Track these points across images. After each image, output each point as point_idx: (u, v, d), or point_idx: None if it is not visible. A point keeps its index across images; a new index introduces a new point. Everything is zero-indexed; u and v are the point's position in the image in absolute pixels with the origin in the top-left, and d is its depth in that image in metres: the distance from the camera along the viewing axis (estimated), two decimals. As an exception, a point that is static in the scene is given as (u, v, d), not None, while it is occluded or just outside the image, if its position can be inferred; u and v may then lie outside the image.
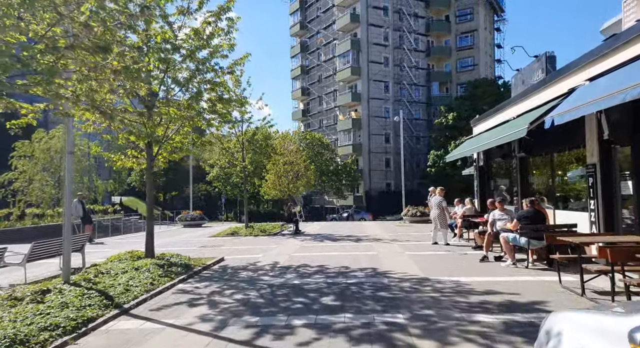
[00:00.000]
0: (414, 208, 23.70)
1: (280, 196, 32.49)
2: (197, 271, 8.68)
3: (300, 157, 32.55)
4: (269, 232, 17.39)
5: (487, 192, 14.39)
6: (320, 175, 43.30)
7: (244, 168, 18.23)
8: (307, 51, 58.72)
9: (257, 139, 18.18)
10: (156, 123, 9.31)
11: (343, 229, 19.55)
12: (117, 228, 24.29)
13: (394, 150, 50.18)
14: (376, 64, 49.54)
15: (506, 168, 13.12)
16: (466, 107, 42.13)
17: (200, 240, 15.85)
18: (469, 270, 8.12)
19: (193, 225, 23.99)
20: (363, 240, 14.02)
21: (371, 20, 49.40)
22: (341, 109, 51.88)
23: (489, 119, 13.58)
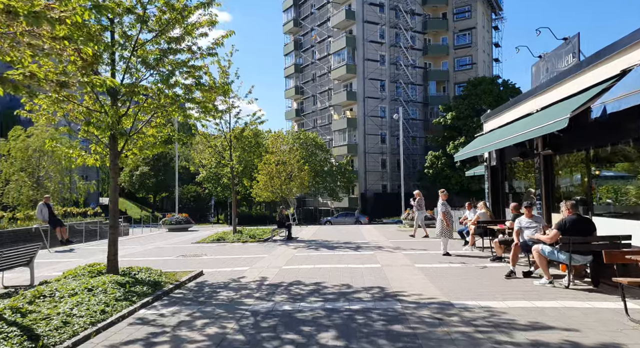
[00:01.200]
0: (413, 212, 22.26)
1: (272, 198, 30.96)
2: (167, 291, 7.15)
3: (294, 156, 31.10)
4: (258, 238, 15.87)
5: (500, 194, 13.00)
6: (314, 176, 41.84)
7: (232, 167, 16.70)
8: (301, 49, 57.29)
9: (246, 135, 16.66)
10: (121, 113, 7.79)
11: (339, 234, 18.09)
12: (94, 233, 22.59)
13: (390, 151, 48.88)
14: (372, 61, 48.23)
15: (525, 168, 11.73)
16: (465, 106, 40.95)
17: (181, 248, 14.29)
18: (498, 291, 6.67)
19: (178, 229, 22.38)
20: (363, 248, 12.56)
21: (367, 17, 48.10)
22: (336, 108, 50.48)
23: (504, 114, 12.20)
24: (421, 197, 16.39)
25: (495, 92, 40.91)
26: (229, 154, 16.65)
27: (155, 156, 66.96)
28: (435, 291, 6.78)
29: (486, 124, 13.75)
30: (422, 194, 16.70)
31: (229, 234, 16.77)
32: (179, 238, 18.37)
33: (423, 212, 16.48)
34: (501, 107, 12.55)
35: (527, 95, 10.63)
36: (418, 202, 16.17)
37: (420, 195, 16.41)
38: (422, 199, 16.40)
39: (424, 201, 16.62)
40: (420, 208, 16.24)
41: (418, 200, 16.21)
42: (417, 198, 16.31)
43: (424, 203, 16.42)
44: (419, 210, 16.27)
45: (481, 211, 11.34)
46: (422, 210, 16.48)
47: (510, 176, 12.91)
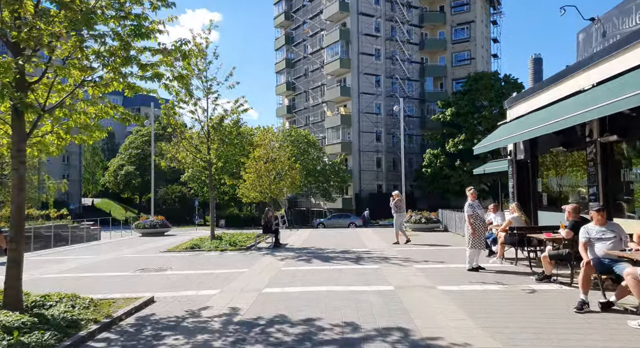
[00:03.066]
0: (417, 214, 20.07)
1: (260, 199, 28.54)
2: (83, 337, 4.78)
3: (284, 154, 28.73)
4: (240, 246, 13.50)
5: (530, 194, 10.78)
6: (307, 176, 39.50)
7: (210, 163, 14.31)
8: (293, 43, 54.90)
9: (226, 126, 14.28)
10: (29, 71, 5.41)
11: (335, 240, 15.79)
12: (63, 238, 20.11)
13: (385, 149, 46.73)
14: (367, 55, 46.03)
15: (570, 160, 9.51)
16: (465, 102, 38.89)
17: (145, 259, 11.88)
18: (580, 339, 4.41)
19: (152, 233, 19.90)
20: (365, 260, 10.27)
21: (362, 9, 45.90)
22: (329, 104, 48.19)
23: (539, 95, 9.99)
24: (400, 198, 14.51)
25: (497, 87, 38.89)
26: (207, 147, 14.26)
27: (141, 155, 64.27)
28: (487, 339, 4.49)
29: (511, 110, 11.54)
30: (400, 195, 14.79)
31: (206, 241, 14.38)
32: (150, 244, 15.92)
33: (403, 214, 14.64)
34: (534, 88, 10.34)
35: (575, 69, 8.42)
36: (396, 203, 14.21)
37: (399, 196, 14.58)
38: (402, 201, 14.64)
39: (405, 203, 14.80)
40: (399, 210, 14.26)
41: (396, 202, 14.23)
42: (395, 199, 14.33)
43: (404, 205, 14.75)
44: (398, 213, 14.25)
45: (514, 215, 9.10)
46: (402, 213, 14.51)
47: (544, 172, 10.70)
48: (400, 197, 14.59)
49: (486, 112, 37.87)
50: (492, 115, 37.84)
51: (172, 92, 13.55)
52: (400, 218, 14.40)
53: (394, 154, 47.13)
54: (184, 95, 13.95)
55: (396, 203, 14.26)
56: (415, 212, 20.27)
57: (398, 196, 14.49)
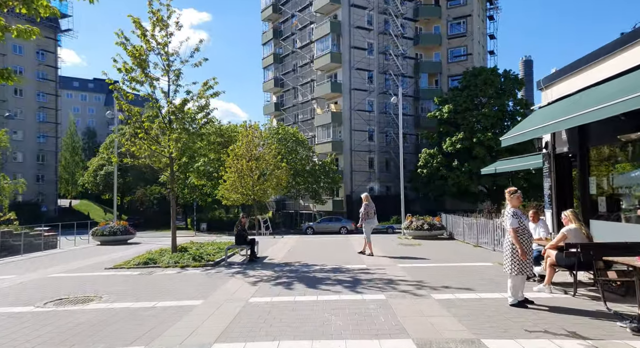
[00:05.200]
0: (418, 219, 17.59)
1: (242, 201, 25.77)
2: None
3: (269, 152, 26.06)
4: (207, 260, 10.85)
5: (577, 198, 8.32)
6: (295, 176, 36.85)
7: (169, 158, 11.63)
8: (281, 37, 52.27)
9: (189, 112, 11.61)
10: None
11: (325, 250, 13.21)
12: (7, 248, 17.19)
13: (378, 149, 44.31)
14: (359, 50, 43.59)
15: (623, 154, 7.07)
16: (464, 98, 36.62)
17: (78, 280, 9.17)
18: None
19: (112, 242, 17.06)
20: (364, 284, 7.70)
21: (353, 1, 43.46)
22: (319, 101, 45.64)
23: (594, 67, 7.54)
24: (370, 202, 11.85)
25: (497, 83, 36.70)
26: (168, 138, 11.58)
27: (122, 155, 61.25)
28: None
29: (549, 90, 9.09)
30: (369, 198, 12.07)
31: (166, 253, 11.67)
32: (100, 257, 13.15)
33: (372, 221, 11.90)
34: (584, 60, 7.88)
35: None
36: (365, 208, 11.67)
37: (369, 200, 11.91)
38: (372, 205, 11.88)
39: (374, 207, 12.08)
40: (368, 217, 11.73)
41: (365, 207, 11.69)
42: (364, 203, 11.79)
43: (374, 210, 11.91)
44: (368, 220, 11.75)
45: (571, 227, 6.61)
46: (372, 220, 11.85)
47: (600, 167, 8.23)
48: (370, 201, 11.94)
49: (486, 109, 35.64)
50: (492, 112, 35.67)
51: (122, 68, 10.97)
52: (370, 225, 11.82)
53: (387, 154, 44.76)
54: (139, 74, 11.30)
55: (365, 209, 11.71)
56: (416, 217, 17.78)
57: (367, 199, 11.90)
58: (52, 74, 57.50)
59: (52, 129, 57.51)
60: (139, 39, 11.27)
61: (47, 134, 56.69)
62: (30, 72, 55.01)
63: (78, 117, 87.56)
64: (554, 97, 8.92)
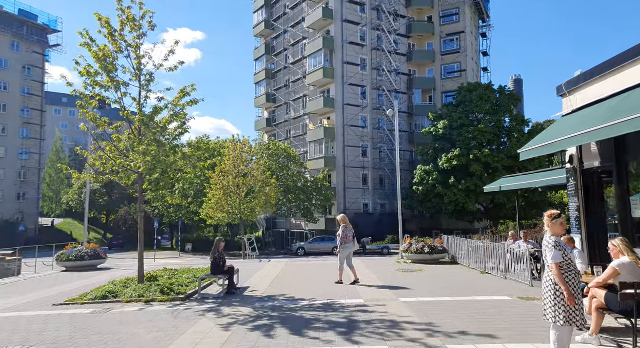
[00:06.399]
0: (418, 241, 16.17)
1: (228, 220, 24.25)
2: None
3: (258, 167, 24.68)
4: (176, 294, 9.31)
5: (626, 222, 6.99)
6: (286, 193, 35.39)
7: (138, 173, 10.19)
8: (273, 53, 51.57)
9: (163, 121, 10.24)
10: None
11: (316, 279, 11.72)
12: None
13: (372, 165, 43.14)
14: (352, 65, 42.84)
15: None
16: (459, 114, 35.72)
17: (6, 322, 7.58)
18: None
19: (80, 268, 15.35)
20: (362, 330, 6.25)
21: (346, 16, 42.94)
22: (311, 117, 44.59)
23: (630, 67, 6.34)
24: (347, 224, 10.48)
25: (493, 99, 35.92)
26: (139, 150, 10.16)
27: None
28: None
29: (573, 96, 7.87)
30: (347, 220, 10.69)
31: (132, 284, 10.11)
32: (57, 288, 11.52)
33: (352, 245, 10.50)
34: (619, 59, 6.68)
35: None
36: (344, 231, 10.36)
37: (346, 221, 10.54)
38: (350, 228, 10.51)
39: (353, 230, 10.60)
40: (346, 241, 10.37)
41: (344, 230, 10.37)
42: (341, 226, 10.45)
43: (352, 233, 10.52)
44: (346, 244, 10.39)
45: (623, 260, 5.25)
46: (351, 244, 10.46)
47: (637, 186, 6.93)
48: (347, 222, 10.53)
49: (482, 125, 34.71)
50: (489, 128, 34.74)
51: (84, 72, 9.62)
52: (348, 250, 10.42)
53: (382, 170, 43.59)
54: (106, 80, 9.95)
55: (343, 231, 10.34)
56: (416, 239, 16.36)
57: (344, 221, 10.50)
58: (39, 89, 56.05)
59: (36, 145, 55.70)
60: (107, 39, 9.96)
61: (30, 150, 54.84)
62: (16, 87, 53.54)
63: (66, 133, 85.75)
64: (579, 104, 7.70)
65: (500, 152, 34.79)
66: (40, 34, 56.00)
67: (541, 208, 38.58)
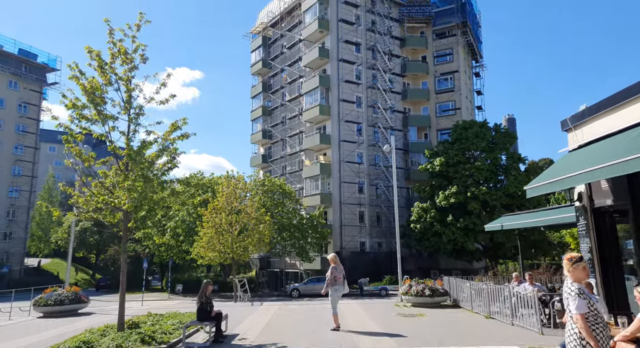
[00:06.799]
0: (418, 283, 15.43)
1: (220, 260, 23.36)
2: None
3: (252, 204, 24.09)
4: (158, 343, 8.52)
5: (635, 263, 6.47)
6: (280, 231, 34.57)
7: (125, 212, 9.64)
8: (270, 90, 52.27)
9: (151, 156, 9.81)
10: None
11: (311, 326, 10.90)
12: None
13: (368, 202, 42.59)
14: (348, 103, 43.26)
15: None
16: (455, 151, 35.65)
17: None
18: None
19: (59, 313, 14.37)
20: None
21: (342, 56, 43.83)
22: (307, 153, 44.50)
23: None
24: (338, 265, 9.77)
25: (489, 136, 36.03)
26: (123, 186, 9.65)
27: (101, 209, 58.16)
28: None
29: (579, 131, 7.55)
30: (338, 259, 9.95)
31: (111, 332, 9.30)
32: (29, 338, 10.62)
33: (340, 288, 9.73)
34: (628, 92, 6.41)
35: None
36: (332, 272, 9.62)
37: (337, 261, 9.80)
38: (340, 268, 9.79)
39: (343, 271, 9.88)
40: (335, 282, 9.63)
41: (332, 270, 9.64)
42: (331, 265, 9.73)
43: (343, 274, 9.80)
44: (335, 286, 9.64)
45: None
46: (340, 286, 9.71)
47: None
48: (338, 262, 9.79)
49: (479, 162, 34.59)
50: (486, 165, 34.59)
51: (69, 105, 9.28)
52: (338, 293, 9.67)
53: (378, 207, 43.01)
54: (93, 113, 9.62)
55: (332, 272, 9.62)
56: (415, 281, 15.61)
57: (334, 261, 9.74)
58: (34, 126, 56.08)
59: (27, 182, 54.93)
60: (96, 72, 9.71)
61: (21, 188, 54.00)
62: (11, 125, 53.55)
63: (59, 171, 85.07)
64: (585, 139, 7.37)
65: (497, 189, 34.46)
66: (38, 72, 56.73)
67: (540, 247, 37.78)
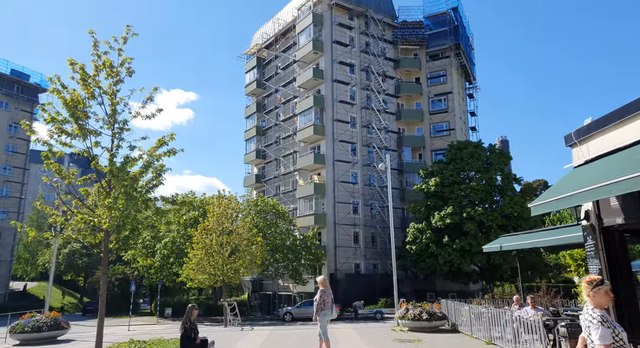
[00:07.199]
0: (415, 307, 14.80)
1: (210, 282, 22.55)
2: None
3: (244, 224, 23.47)
4: (136, 375, 7.82)
5: None
6: (273, 252, 33.78)
7: (106, 232, 9.07)
8: (264, 111, 52.29)
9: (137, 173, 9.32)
10: None
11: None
12: None
13: (363, 223, 42.00)
14: (342, 123, 43.20)
15: None
16: (450, 171, 35.39)
17: None
18: None
19: (36, 341, 13.51)
20: None
21: (336, 77, 44.02)
22: (301, 173, 44.12)
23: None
24: (327, 288, 9.21)
25: (483, 156, 35.90)
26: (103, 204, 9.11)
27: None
28: None
29: (585, 145, 7.20)
30: (327, 282, 9.41)
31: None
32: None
33: (329, 313, 9.15)
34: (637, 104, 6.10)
35: None
36: (321, 296, 9.03)
37: (326, 284, 9.26)
38: (329, 292, 9.25)
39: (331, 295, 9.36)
40: (323, 307, 9.01)
41: (321, 294, 9.06)
42: (320, 289, 9.16)
43: (331, 298, 9.28)
44: (324, 311, 9.00)
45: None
46: (328, 311, 9.12)
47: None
48: (327, 285, 9.27)
49: (474, 182, 34.33)
50: (481, 186, 34.33)
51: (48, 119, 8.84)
52: (325, 318, 9.04)
53: (373, 228, 42.39)
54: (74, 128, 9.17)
55: (321, 296, 9.04)
56: (412, 304, 14.98)
57: (324, 285, 9.19)
58: (24, 147, 55.38)
59: (14, 204, 53.82)
60: (79, 85, 9.32)
61: (8, 209, 52.86)
62: (0, 145, 52.84)
63: (49, 191, 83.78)
64: (591, 154, 7.02)
65: (493, 210, 34.10)
66: (30, 92, 56.45)
67: (537, 269, 37.18)
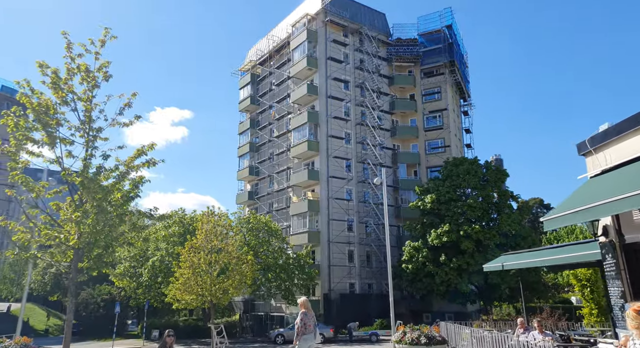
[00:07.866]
0: (413, 330, 13.88)
1: (198, 303, 21.46)
2: None
3: (233, 242, 22.54)
4: None
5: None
6: (265, 272, 32.68)
7: (75, 250, 8.23)
8: (258, 127, 51.81)
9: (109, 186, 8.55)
10: None
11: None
12: None
13: (358, 241, 41.07)
14: (336, 139, 42.72)
15: None
16: (446, 188, 34.79)
17: None
18: None
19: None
20: None
21: (331, 93, 43.75)
22: (295, 189, 43.34)
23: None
24: (308, 310, 8.49)
25: (480, 173, 35.37)
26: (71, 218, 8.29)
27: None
28: None
29: (601, 154, 6.55)
30: (308, 304, 8.67)
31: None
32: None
33: (311, 337, 8.41)
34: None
35: None
36: (303, 319, 8.31)
37: (307, 306, 8.54)
38: (311, 315, 8.52)
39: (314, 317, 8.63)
40: (305, 330, 8.31)
41: (302, 316, 8.35)
42: (301, 311, 8.45)
43: (314, 321, 8.57)
44: (304, 336, 8.28)
45: None
46: (311, 335, 8.38)
47: None
48: (308, 307, 8.53)
49: (471, 200, 33.70)
50: (478, 203, 33.70)
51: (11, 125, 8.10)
52: (306, 343, 8.30)
53: (368, 246, 41.46)
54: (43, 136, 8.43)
55: (302, 319, 8.32)
56: (410, 327, 14.07)
57: (305, 306, 8.46)
58: (9, 159, 54.27)
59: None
60: (49, 89, 8.62)
61: (-11, 227, 51.37)
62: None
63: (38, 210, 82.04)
64: (609, 163, 6.37)
65: (491, 228, 33.41)
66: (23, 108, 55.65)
67: (536, 289, 36.25)
